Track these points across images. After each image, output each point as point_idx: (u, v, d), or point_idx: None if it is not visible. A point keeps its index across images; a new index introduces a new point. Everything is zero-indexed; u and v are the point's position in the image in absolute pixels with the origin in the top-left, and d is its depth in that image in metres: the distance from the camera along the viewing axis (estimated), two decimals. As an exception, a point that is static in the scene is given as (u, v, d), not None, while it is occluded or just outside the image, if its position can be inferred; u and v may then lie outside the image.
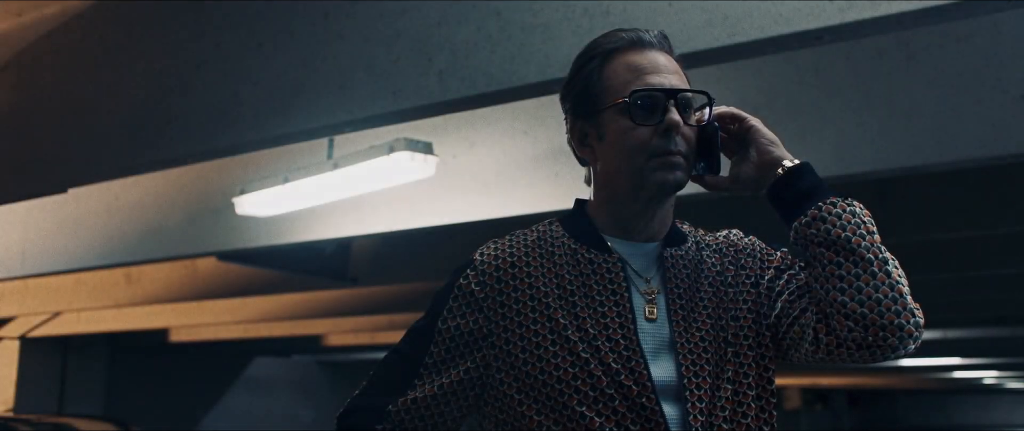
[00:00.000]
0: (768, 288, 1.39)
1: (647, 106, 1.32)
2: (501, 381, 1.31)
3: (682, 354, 1.31)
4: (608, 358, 1.28)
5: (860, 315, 1.26)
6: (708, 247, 1.43)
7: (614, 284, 1.34)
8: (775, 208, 1.37)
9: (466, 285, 1.35)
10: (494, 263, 1.36)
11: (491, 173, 3.97)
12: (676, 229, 1.43)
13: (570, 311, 1.31)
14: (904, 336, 1.27)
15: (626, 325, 1.31)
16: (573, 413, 1.26)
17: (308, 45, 2.87)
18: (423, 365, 1.35)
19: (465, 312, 1.34)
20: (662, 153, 1.32)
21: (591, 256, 1.36)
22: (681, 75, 1.37)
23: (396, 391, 1.35)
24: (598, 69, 1.37)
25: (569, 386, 1.27)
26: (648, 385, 1.27)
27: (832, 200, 1.32)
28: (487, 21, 2.48)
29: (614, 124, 1.34)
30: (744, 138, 1.39)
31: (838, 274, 1.28)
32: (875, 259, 1.28)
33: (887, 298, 1.27)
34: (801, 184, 1.34)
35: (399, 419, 1.34)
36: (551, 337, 1.30)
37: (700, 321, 1.34)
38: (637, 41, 1.37)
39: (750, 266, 1.41)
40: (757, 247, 1.45)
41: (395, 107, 2.66)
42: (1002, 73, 2.98)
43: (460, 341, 1.34)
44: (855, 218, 1.31)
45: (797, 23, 2.04)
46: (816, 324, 1.30)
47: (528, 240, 1.39)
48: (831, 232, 1.29)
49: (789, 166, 1.35)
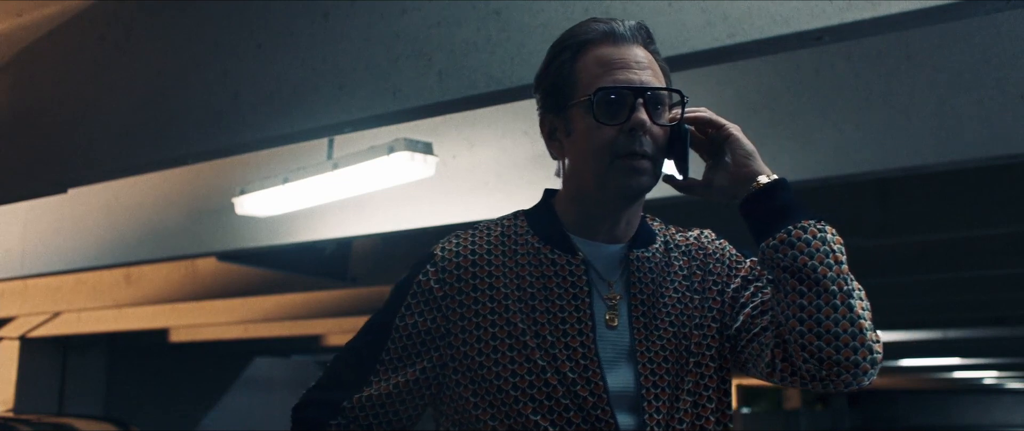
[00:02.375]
0: (733, 297, 1.36)
1: (613, 104, 1.27)
2: (457, 382, 1.29)
3: (642, 363, 1.28)
4: (565, 367, 1.25)
5: (816, 348, 1.22)
6: (677, 248, 1.40)
7: (576, 288, 1.30)
8: (746, 222, 1.33)
9: (425, 282, 1.31)
10: (454, 260, 1.32)
11: (491, 173, 3.97)
12: (645, 228, 1.39)
13: (529, 315, 1.28)
14: (858, 373, 1.24)
15: (585, 332, 1.28)
16: (527, 421, 1.23)
17: (308, 45, 2.87)
18: (379, 361, 1.32)
19: (423, 310, 1.31)
20: (626, 154, 1.27)
21: (555, 257, 1.32)
22: (656, 70, 1.32)
23: (352, 386, 1.32)
24: (569, 62, 1.32)
25: (524, 394, 1.24)
26: (603, 396, 1.25)
27: (803, 224, 1.26)
28: (487, 21, 2.48)
29: (580, 121, 1.30)
30: (721, 145, 1.35)
31: (799, 303, 1.23)
32: (839, 291, 1.23)
33: (846, 333, 1.22)
34: (774, 203, 1.29)
35: (354, 415, 1.31)
36: (508, 342, 1.26)
37: (662, 328, 1.31)
38: (610, 33, 1.32)
39: (718, 272, 1.38)
40: (727, 252, 1.41)
41: (395, 107, 2.65)
42: (1002, 73, 2.98)
43: (417, 339, 1.30)
44: (824, 245, 1.25)
45: (797, 23, 2.04)
46: (774, 348, 1.27)
47: (492, 236, 1.35)
48: (797, 259, 1.24)
49: (765, 182, 1.31)
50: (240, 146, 3.15)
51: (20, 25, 3.63)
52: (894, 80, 3.15)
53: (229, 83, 3.05)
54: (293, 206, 4.09)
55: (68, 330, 9.12)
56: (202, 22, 3.16)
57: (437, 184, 3.96)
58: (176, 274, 6.85)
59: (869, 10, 1.96)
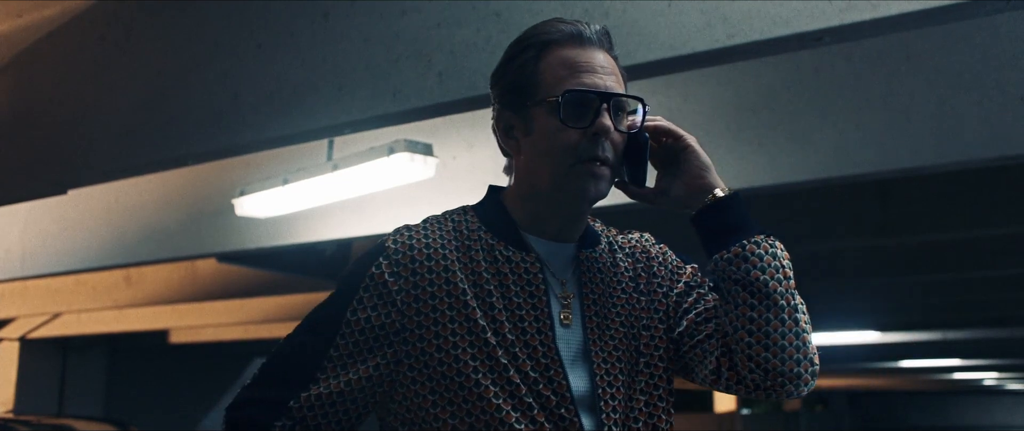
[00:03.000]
0: (676, 302, 1.37)
1: (579, 107, 1.27)
2: (413, 380, 1.24)
3: (596, 363, 1.28)
4: (526, 366, 1.24)
5: (763, 360, 1.26)
6: (621, 249, 1.40)
7: (532, 286, 1.28)
8: (698, 234, 1.34)
9: (379, 275, 1.26)
10: (409, 253, 1.27)
11: (490, 174, 3.97)
12: (590, 229, 1.39)
13: (487, 312, 1.25)
14: (800, 384, 1.28)
15: (544, 331, 1.26)
16: (492, 418, 1.21)
17: (308, 46, 2.87)
18: (327, 358, 1.25)
19: (376, 304, 1.25)
20: (588, 159, 1.26)
21: (509, 253, 1.30)
22: (618, 77, 1.32)
23: (297, 384, 1.25)
24: (532, 60, 1.31)
25: (489, 390, 1.21)
26: (567, 396, 1.24)
27: (756, 239, 1.30)
28: (487, 22, 2.48)
29: (542, 121, 1.28)
30: (677, 155, 1.35)
31: (749, 315, 1.27)
32: (787, 306, 1.27)
33: (791, 346, 1.27)
34: (728, 217, 1.31)
35: (301, 415, 1.24)
36: (469, 339, 1.23)
37: (613, 328, 1.31)
38: (577, 36, 1.31)
39: (662, 275, 1.39)
40: (669, 257, 1.42)
41: (395, 108, 2.65)
42: (1001, 74, 2.98)
43: (370, 335, 1.25)
44: (776, 261, 1.29)
45: (797, 25, 2.04)
46: (720, 356, 1.30)
47: (444, 230, 1.32)
48: (750, 273, 1.27)
49: (720, 195, 1.32)
50: (240, 147, 3.15)
51: (20, 26, 3.63)
52: (894, 81, 3.15)
53: (229, 84, 3.05)
54: (293, 207, 4.09)
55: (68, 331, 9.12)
56: (202, 23, 3.16)
57: (437, 185, 3.96)
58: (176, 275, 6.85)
59: (869, 11, 1.96)
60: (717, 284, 1.33)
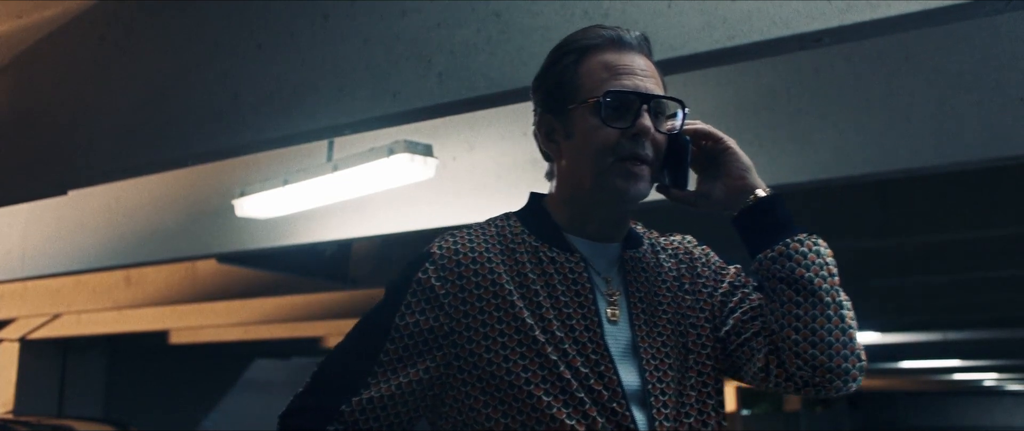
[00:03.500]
0: (721, 303, 1.38)
1: (619, 108, 1.29)
2: (463, 382, 1.26)
3: (645, 359, 1.29)
4: (576, 361, 1.25)
5: (810, 356, 1.28)
6: (664, 251, 1.42)
7: (578, 284, 1.30)
8: (740, 235, 1.36)
9: (425, 280, 1.28)
10: (454, 257, 1.29)
11: (490, 175, 3.97)
12: (632, 231, 1.41)
13: (535, 311, 1.27)
14: (848, 380, 1.30)
15: (592, 328, 1.28)
16: (543, 415, 1.22)
17: (308, 47, 2.87)
18: (378, 363, 1.27)
19: (424, 308, 1.27)
20: (628, 157, 1.29)
21: (553, 254, 1.32)
22: (658, 80, 1.34)
23: (348, 390, 1.27)
24: (573, 65, 1.33)
25: (539, 388, 1.23)
26: (619, 390, 1.25)
27: (799, 238, 1.32)
28: (487, 23, 2.48)
29: (583, 123, 1.31)
30: (718, 158, 1.37)
31: (795, 313, 1.29)
32: (833, 302, 1.29)
33: (838, 342, 1.28)
34: (771, 217, 1.34)
35: (353, 420, 1.26)
36: (517, 338, 1.25)
37: (661, 325, 1.33)
38: (616, 40, 1.33)
39: (706, 276, 1.41)
40: (712, 259, 1.44)
41: (395, 109, 2.65)
42: (1001, 75, 2.98)
43: (419, 339, 1.27)
44: (820, 259, 1.31)
45: (797, 25, 2.04)
46: (767, 355, 1.31)
47: (487, 234, 1.34)
48: (795, 271, 1.29)
49: (761, 196, 1.34)
50: (240, 147, 3.15)
51: (20, 26, 3.63)
52: (894, 82, 3.15)
53: (229, 84, 3.05)
54: (293, 208, 4.09)
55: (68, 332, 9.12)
56: (202, 23, 3.16)
57: (437, 186, 3.96)
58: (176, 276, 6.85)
59: (869, 12, 1.96)
60: (762, 283, 1.34)
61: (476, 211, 4.00)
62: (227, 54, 3.07)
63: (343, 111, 2.76)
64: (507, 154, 3.92)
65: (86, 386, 10.38)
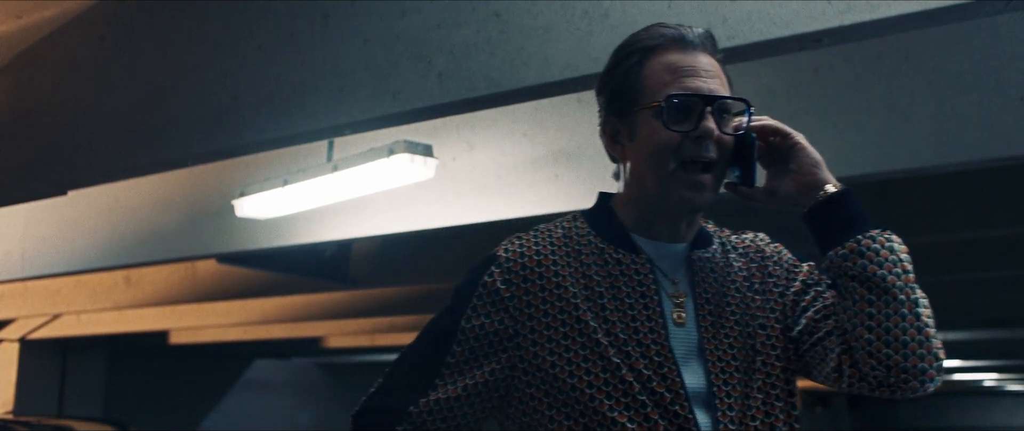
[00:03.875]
0: (793, 301, 1.36)
1: (682, 111, 1.28)
2: (527, 384, 1.27)
3: (711, 361, 1.28)
4: (639, 364, 1.25)
5: (884, 356, 1.24)
6: (734, 250, 1.40)
7: (643, 286, 1.30)
8: (811, 231, 1.33)
9: (491, 283, 1.30)
10: (519, 260, 1.30)
11: (491, 175, 3.97)
12: (703, 230, 1.39)
13: (599, 314, 1.27)
14: (925, 380, 1.25)
15: (656, 330, 1.27)
16: (604, 418, 1.23)
17: (308, 47, 2.87)
18: (445, 365, 1.30)
19: (490, 311, 1.29)
20: (692, 160, 1.28)
21: (619, 256, 1.32)
22: (722, 79, 1.33)
23: (417, 391, 1.30)
24: (636, 67, 1.32)
25: (600, 391, 1.23)
26: (681, 392, 1.24)
27: (871, 234, 1.29)
28: (486, 23, 2.48)
29: (646, 126, 1.30)
30: (786, 154, 1.35)
31: (868, 311, 1.25)
32: (907, 300, 1.25)
33: (913, 341, 1.24)
34: (842, 213, 1.31)
35: (421, 420, 1.29)
36: (581, 340, 1.26)
37: (728, 327, 1.31)
38: (679, 39, 1.32)
39: (777, 274, 1.38)
40: (784, 257, 1.41)
41: (395, 109, 2.65)
42: (1001, 75, 2.98)
43: (484, 341, 1.29)
44: (893, 255, 1.28)
45: (797, 26, 2.04)
46: (841, 355, 1.28)
47: (553, 236, 1.35)
48: (867, 268, 1.26)
49: (832, 191, 1.32)
50: (240, 148, 3.15)
51: (20, 26, 3.64)
52: (894, 82, 3.15)
53: (229, 84, 3.05)
54: (293, 208, 4.09)
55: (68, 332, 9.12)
56: (202, 23, 3.16)
57: (437, 186, 3.96)
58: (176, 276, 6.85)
59: (868, 12, 1.96)
60: (834, 281, 1.31)
61: (476, 211, 4.00)
62: (227, 54, 3.07)
63: (343, 111, 2.76)
64: (507, 154, 3.92)
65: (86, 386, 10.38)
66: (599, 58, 2.30)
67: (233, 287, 6.71)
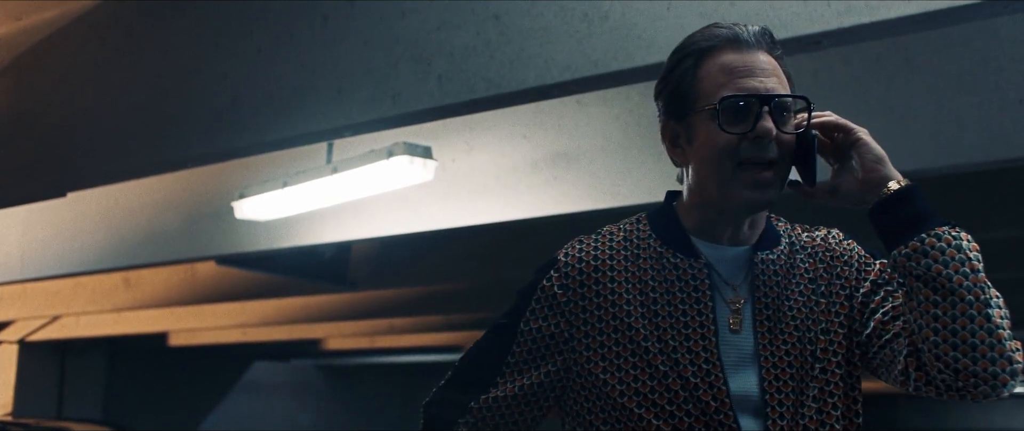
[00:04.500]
0: (863, 302, 1.32)
1: (738, 112, 1.25)
2: (579, 387, 1.30)
3: (765, 368, 1.26)
4: (687, 372, 1.24)
5: (952, 359, 1.19)
6: (803, 250, 1.36)
7: (698, 292, 1.29)
8: (875, 229, 1.29)
9: (549, 287, 1.32)
10: (578, 265, 1.32)
11: (490, 177, 3.97)
12: (770, 229, 1.35)
13: (651, 320, 1.27)
14: (997, 385, 1.19)
15: (707, 336, 1.26)
16: (647, 425, 1.24)
17: (307, 49, 2.87)
18: (506, 364, 1.34)
19: (547, 315, 1.32)
20: (751, 162, 1.25)
21: (677, 261, 1.31)
22: (780, 77, 1.30)
23: (478, 387, 1.35)
24: (691, 69, 1.30)
25: (645, 400, 1.25)
26: (726, 401, 1.23)
27: (937, 232, 1.23)
28: (486, 26, 2.48)
29: (704, 129, 1.28)
30: (849, 150, 1.32)
31: (933, 313, 1.20)
32: (976, 301, 1.20)
33: (983, 344, 1.19)
34: (907, 209, 1.26)
35: (480, 416, 1.34)
36: (630, 347, 1.27)
37: (786, 333, 1.29)
38: (734, 39, 1.30)
39: (846, 276, 1.34)
40: (855, 255, 1.37)
41: (394, 111, 2.66)
42: (1000, 77, 2.98)
43: (541, 344, 1.32)
44: (960, 253, 1.22)
45: (795, 28, 2.04)
46: (907, 357, 1.24)
47: (615, 240, 1.35)
48: (931, 268, 1.21)
49: (896, 187, 1.28)
50: (240, 149, 3.15)
51: (20, 28, 3.64)
52: (893, 85, 3.15)
53: (229, 86, 3.05)
54: (292, 210, 4.09)
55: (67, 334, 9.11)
56: (202, 25, 3.17)
57: (436, 188, 3.96)
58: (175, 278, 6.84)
59: (867, 15, 1.97)
60: (900, 281, 1.26)
61: (476, 213, 4.00)
62: (227, 56, 3.07)
63: (343, 113, 2.76)
64: (507, 156, 3.92)
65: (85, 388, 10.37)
66: (598, 60, 2.30)
67: (232, 289, 6.70)
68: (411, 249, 5.94)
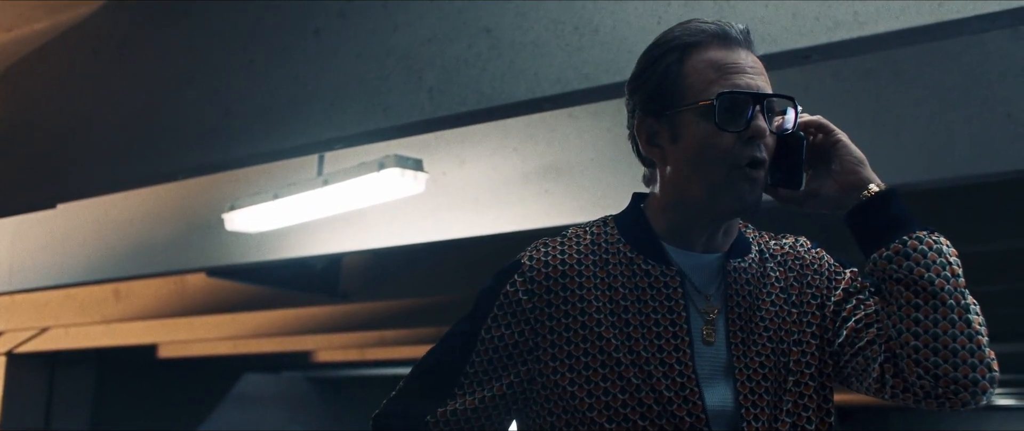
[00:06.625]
0: (834, 311, 1.28)
1: (732, 110, 1.21)
2: (546, 398, 1.23)
3: (740, 381, 1.22)
4: (661, 385, 1.19)
5: (932, 364, 1.16)
6: (772, 258, 1.32)
7: (671, 301, 1.23)
8: (853, 234, 1.25)
9: (513, 293, 1.24)
10: (544, 270, 1.24)
11: (481, 190, 3.97)
12: (741, 237, 1.31)
13: (622, 330, 1.21)
14: (977, 392, 1.18)
15: (681, 348, 1.21)
16: None
17: (299, 62, 2.87)
18: (463, 374, 1.25)
19: (510, 322, 1.24)
20: (747, 164, 1.21)
21: (648, 267, 1.24)
22: (766, 77, 1.27)
23: (435, 399, 1.26)
24: (676, 64, 1.24)
25: (617, 413, 1.18)
26: (702, 416, 1.18)
27: (918, 235, 1.20)
28: (477, 39, 2.49)
29: (693, 127, 1.22)
30: (828, 152, 1.28)
31: (914, 317, 1.17)
32: (957, 305, 1.17)
33: (964, 349, 1.17)
34: (887, 213, 1.23)
35: (437, 430, 1.25)
36: (600, 358, 1.20)
37: (760, 344, 1.24)
38: (722, 35, 1.24)
39: (817, 284, 1.30)
40: (825, 264, 1.33)
41: (385, 124, 2.66)
42: (990, 91, 3.00)
43: (503, 353, 1.24)
44: (941, 257, 1.19)
45: (785, 42, 2.05)
46: (883, 363, 1.20)
47: (582, 244, 1.27)
48: (913, 271, 1.18)
49: (876, 191, 1.25)
50: (231, 161, 3.15)
51: (12, 39, 3.63)
52: (883, 98, 3.17)
53: (220, 99, 3.05)
54: (283, 222, 4.08)
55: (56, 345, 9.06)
56: (194, 38, 3.16)
57: (427, 200, 3.96)
58: (165, 290, 6.82)
59: (857, 29, 1.98)
60: (878, 285, 1.23)
61: (467, 226, 4.00)
62: (218, 68, 3.07)
63: (334, 126, 2.76)
64: (498, 169, 3.93)
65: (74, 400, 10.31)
66: (589, 74, 2.31)
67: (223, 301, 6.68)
68: (402, 261, 5.94)
